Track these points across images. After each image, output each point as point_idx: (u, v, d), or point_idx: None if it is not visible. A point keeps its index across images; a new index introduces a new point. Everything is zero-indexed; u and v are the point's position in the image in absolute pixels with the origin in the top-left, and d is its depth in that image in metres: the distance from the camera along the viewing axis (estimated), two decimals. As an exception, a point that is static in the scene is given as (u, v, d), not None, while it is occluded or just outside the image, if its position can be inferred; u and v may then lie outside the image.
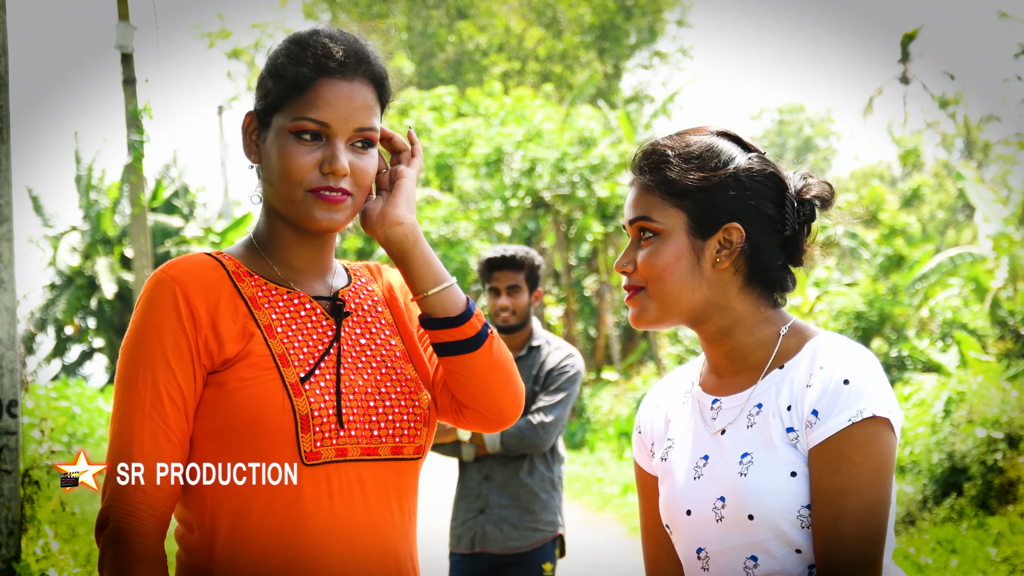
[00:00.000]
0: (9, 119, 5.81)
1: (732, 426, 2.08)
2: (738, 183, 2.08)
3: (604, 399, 20.68)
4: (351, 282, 2.22)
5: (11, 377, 5.88)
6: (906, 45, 41.93)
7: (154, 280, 2.02)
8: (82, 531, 8.53)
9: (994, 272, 18.73)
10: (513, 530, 4.94)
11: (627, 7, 38.69)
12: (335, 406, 2.03)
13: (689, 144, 2.12)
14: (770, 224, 2.10)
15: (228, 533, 1.99)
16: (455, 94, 27.43)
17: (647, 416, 2.26)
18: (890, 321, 19.34)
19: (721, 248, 2.08)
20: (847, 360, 2.01)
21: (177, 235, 28.26)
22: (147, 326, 2.01)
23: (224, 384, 2.00)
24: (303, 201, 2.05)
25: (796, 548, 1.99)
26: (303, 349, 2.06)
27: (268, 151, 2.08)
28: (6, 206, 5.82)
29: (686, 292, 2.08)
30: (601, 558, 9.69)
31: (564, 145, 23.04)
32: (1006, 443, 9.55)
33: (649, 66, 41.54)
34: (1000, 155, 40.59)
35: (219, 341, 2.02)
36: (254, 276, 2.10)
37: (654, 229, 2.10)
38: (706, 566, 2.06)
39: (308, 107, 2.05)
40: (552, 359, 5.05)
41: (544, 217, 24.09)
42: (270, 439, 1.99)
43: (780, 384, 2.06)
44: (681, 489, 2.10)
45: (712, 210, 2.08)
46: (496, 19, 38.15)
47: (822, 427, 1.98)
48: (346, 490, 2.02)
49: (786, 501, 1.99)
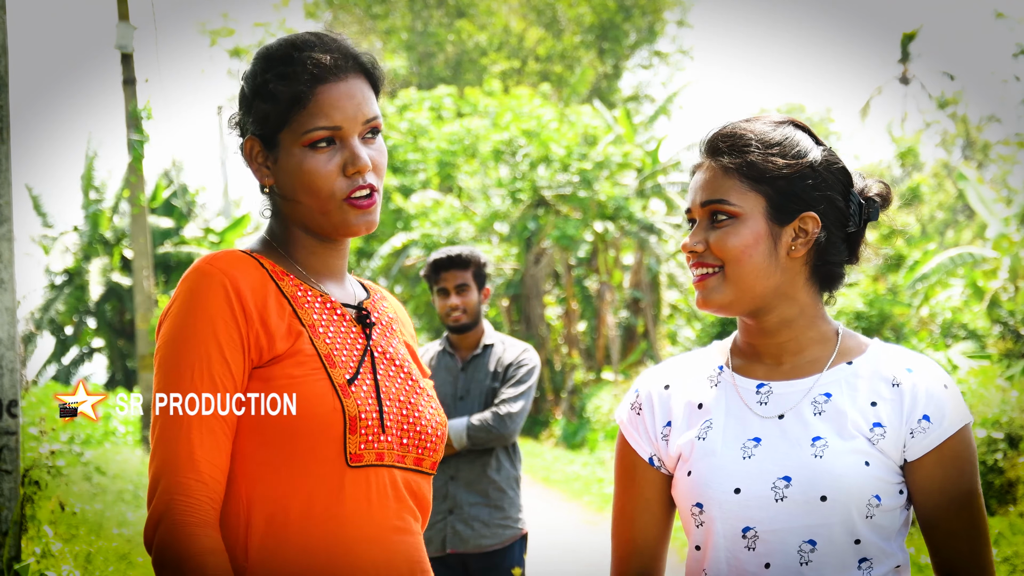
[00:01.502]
0: (9, 119, 5.80)
1: (793, 411, 2.09)
2: (815, 173, 2.10)
3: (604, 399, 20.68)
4: (370, 295, 2.22)
5: (11, 377, 5.88)
6: (906, 45, 41.92)
7: (199, 272, 1.98)
8: (82, 531, 8.53)
9: (995, 272, 18.73)
10: (484, 528, 4.94)
11: (627, 7, 38.68)
12: (378, 410, 2.03)
13: (769, 130, 2.12)
14: (839, 218, 2.12)
15: (264, 531, 1.96)
16: (455, 94, 27.42)
17: (654, 396, 2.22)
18: (890, 321, 19.34)
19: (796, 236, 2.10)
20: (934, 366, 2.10)
21: (176, 236, 28.27)
22: (199, 318, 1.95)
23: (272, 380, 1.97)
24: (339, 211, 2.05)
25: (856, 538, 2.02)
26: (343, 352, 2.05)
27: (284, 170, 2.07)
28: (6, 206, 5.81)
29: (761, 277, 2.09)
30: (602, 558, 9.68)
31: (568, 143, 23.03)
32: (1006, 443, 9.55)
33: (649, 66, 41.54)
34: (1000, 155, 40.60)
35: (269, 336, 1.99)
36: (289, 276, 2.08)
37: (731, 212, 2.09)
38: (752, 545, 2.05)
39: (316, 117, 2.03)
40: (509, 355, 5.08)
41: (544, 216, 24.08)
42: (316, 438, 1.97)
43: (853, 379, 2.09)
44: (727, 468, 2.08)
45: (792, 197, 2.08)
46: (496, 18, 38.14)
47: (936, 431, 2.04)
48: (383, 495, 2.02)
49: (860, 488, 2.01)
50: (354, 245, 27.41)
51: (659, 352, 25.17)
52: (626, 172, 24.29)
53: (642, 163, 24.98)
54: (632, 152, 23.58)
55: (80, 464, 12.82)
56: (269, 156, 2.08)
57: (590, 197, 22.94)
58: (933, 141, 43.28)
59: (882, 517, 2.03)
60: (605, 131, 24.23)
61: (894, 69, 42.58)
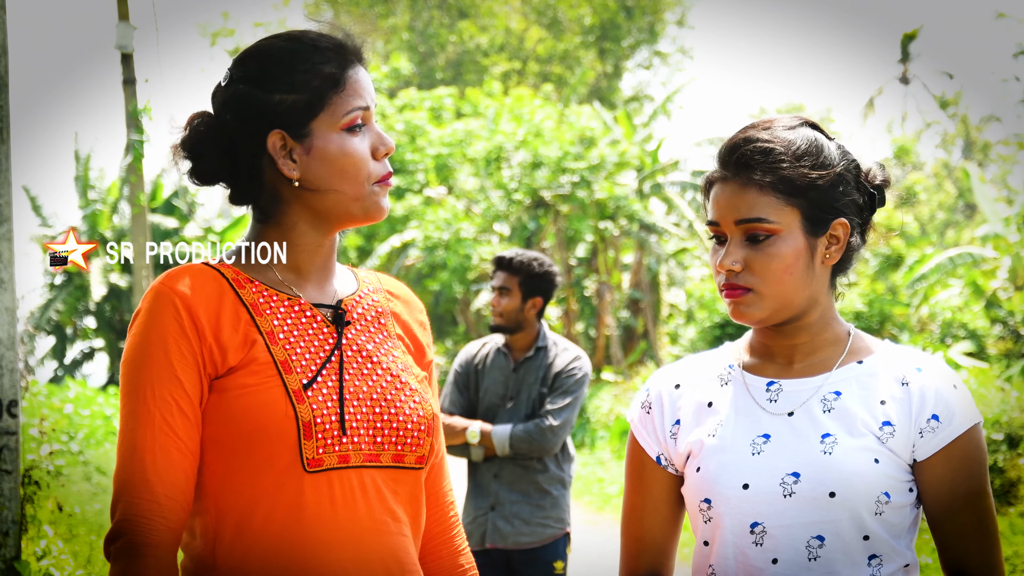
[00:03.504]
0: (9, 119, 5.81)
1: (802, 408, 2.09)
2: (843, 178, 2.09)
3: (604, 399, 20.67)
4: (358, 288, 2.20)
5: (11, 377, 5.88)
6: (906, 45, 41.93)
7: (153, 292, 2.01)
8: (82, 531, 8.53)
9: (995, 272, 18.74)
10: (524, 525, 5.02)
11: (627, 7, 38.68)
12: (338, 412, 2.02)
13: (793, 139, 2.09)
14: (860, 214, 2.12)
15: (231, 541, 1.98)
16: (454, 95, 27.43)
17: (664, 396, 2.23)
18: (890, 321, 19.34)
19: (830, 244, 2.09)
20: (943, 366, 2.10)
21: (176, 235, 28.27)
22: (150, 338, 1.99)
23: (226, 391, 1.99)
24: (371, 194, 2.07)
25: (865, 534, 2.03)
26: (305, 356, 2.05)
27: (320, 158, 2.06)
28: (6, 206, 5.82)
29: (800, 290, 2.08)
30: (601, 558, 9.69)
31: (564, 145, 23.04)
32: (1006, 443, 9.56)
33: (649, 66, 41.55)
34: (1000, 155, 40.61)
35: (222, 350, 2.00)
36: (254, 283, 2.08)
37: (770, 230, 2.06)
38: (760, 541, 2.06)
39: (352, 97, 2.06)
40: (559, 361, 5.13)
41: (544, 217, 24.09)
42: (272, 446, 1.97)
43: (863, 379, 2.09)
44: (737, 464, 2.09)
45: (824, 207, 2.07)
46: (497, 19, 38.15)
47: (945, 430, 2.04)
48: (348, 496, 2.01)
49: (869, 484, 2.01)
50: (354, 244, 27.42)
51: (659, 352, 25.18)
52: (625, 172, 24.30)
53: (641, 163, 24.99)
54: (629, 151, 23.58)
55: (80, 464, 12.83)
56: (297, 148, 2.06)
57: (589, 197, 22.95)
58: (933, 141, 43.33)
59: (892, 514, 2.04)
60: (604, 132, 24.22)
61: (894, 69, 42.60)
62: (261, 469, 1.98)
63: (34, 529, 6.62)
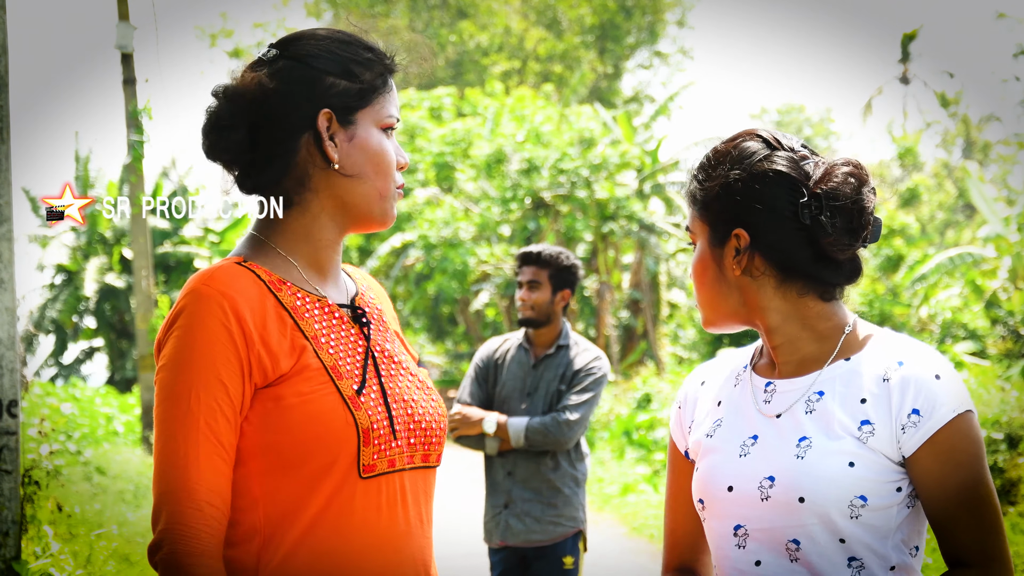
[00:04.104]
0: (9, 119, 5.81)
1: (789, 411, 2.09)
2: (744, 187, 2.09)
3: (604, 399, 20.66)
4: (357, 286, 2.21)
5: (11, 377, 5.88)
6: (906, 45, 41.92)
7: (196, 294, 1.95)
8: (82, 531, 8.53)
9: (995, 272, 18.74)
10: (535, 523, 5.07)
11: (627, 7, 38.69)
12: (387, 417, 2.02)
13: (714, 154, 2.16)
14: (783, 222, 2.08)
15: (276, 545, 1.97)
16: (454, 95, 27.42)
17: (691, 393, 2.28)
18: (890, 321, 19.33)
19: (737, 253, 2.11)
20: (927, 356, 2.06)
21: (176, 235, 28.26)
22: (197, 343, 1.93)
23: (282, 399, 1.96)
24: (391, 198, 2.11)
25: (840, 537, 2.01)
26: (348, 360, 2.04)
27: (360, 147, 2.07)
28: (6, 206, 5.82)
29: (719, 299, 2.14)
30: (601, 558, 9.68)
31: (564, 145, 23.03)
32: (1006, 443, 9.55)
33: (649, 66, 41.55)
34: (1000, 155, 40.61)
35: (272, 357, 1.97)
36: (287, 284, 2.05)
37: (692, 239, 2.18)
38: (743, 543, 2.07)
39: (391, 105, 2.12)
40: (580, 360, 5.21)
41: (544, 217, 24.09)
42: (331, 453, 1.96)
43: (848, 376, 2.08)
44: (724, 466, 2.10)
45: (724, 217, 2.11)
46: (497, 19, 38.15)
47: (927, 423, 2.00)
48: (392, 501, 2.02)
49: (841, 489, 2.00)
50: (355, 244, 27.43)
51: (659, 352, 25.17)
52: (625, 172, 24.29)
53: (641, 163, 24.98)
54: (630, 152, 23.58)
55: (80, 464, 12.83)
56: (341, 133, 2.07)
57: (589, 197, 22.94)
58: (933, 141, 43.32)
59: (872, 517, 2.01)
60: (603, 132, 24.21)
61: (894, 69, 42.59)
62: (317, 476, 1.96)
63: (34, 529, 6.62)
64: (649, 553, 10.69)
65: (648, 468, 15.58)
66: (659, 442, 16.20)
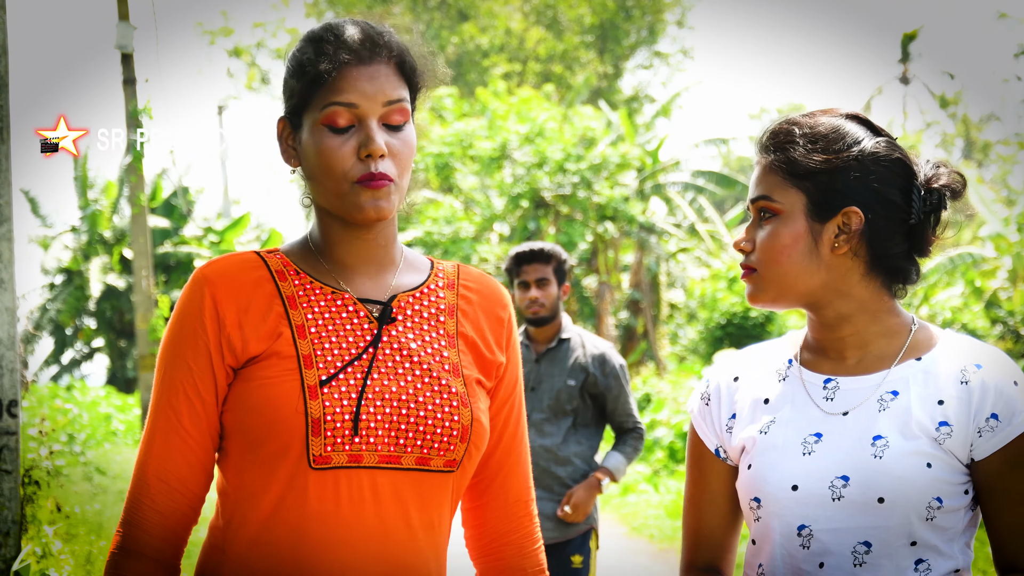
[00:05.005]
0: (9, 119, 5.80)
1: (858, 409, 2.05)
2: (862, 166, 2.06)
3: (604, 399, 20.66)
4: (425, 282, 2.16)
5: (11, 377, 5.88)
6: (906, 45, 41.92)
7: (190, 279, 2.05)
8: (82, 531, 8.53)
9: (995, 272, 18.74)
10: (547, 521, 5.09)
11: (627, 7, 38.70)
12: (353, 411, 1.99)
13: (816, 125, 2.10)
14: (894, 211, 2.07)
15: (239, 528, 2.00)
16: (455, 95, 27.42)
17: (723, 388, 2.21)
18: (890, 321, 19.27)
19: (840, 232, 2.06)
20: (1003, 361, 2.04)
21: (176, 235, 28.27)
22: (172, 328, 2.05)
23: (249, 380, 2.00)
24: (351, 193, 2.01)
25: (912, 540, 1.99)
26: (333, 351, 2.03)
27: (306, 151, 2.05)
28: (6, 206, 5.81)
29: (803, 276, 2.07)
30: (601, 558, 9.65)
31: (567, 145, 23.03)
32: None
33: (649, 66, 41.56)
34: (1000, 155, 40.62)
35: (243, 339, 2.00)
36: (301, 274, 2.07)
37: (773, 209, 2.08)
38: (807, 544, 2.03)
39: (333, 93, 2.01)
40: (591, 353, 5.26)
41: (544, 217, 24.08)
42: (281, 440, 1.97)
43: (922, 376, 2.05)
44: (785, 464, 2.06)
45: (832, 193, 2.05)
46: (497, 20, 38.16)
47: (1005, 429, 1.99)
48: (356, 497, 1.99)
49: (920, 491, 1.98)
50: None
51: (659, 352, 25.18)
52: (626, 172, 24.30)
53: (642, 163, 24.98)
54: (631, 152, 23.58)
55: (80, 464, 12.83)
56: (295, 137, 2.08)
57: (589, 197, 22.94)
58: (933, 141, 43.31)
59: (944, 519, 2.00)
60: (604, 132, 24.21)
61: (894, 69, 42.58)
62: (271, 461, 1.98)
63: (34, 529, 6.62)
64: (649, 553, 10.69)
65: (648, 468, 15.57)
66: (659, 442, 16.18)
